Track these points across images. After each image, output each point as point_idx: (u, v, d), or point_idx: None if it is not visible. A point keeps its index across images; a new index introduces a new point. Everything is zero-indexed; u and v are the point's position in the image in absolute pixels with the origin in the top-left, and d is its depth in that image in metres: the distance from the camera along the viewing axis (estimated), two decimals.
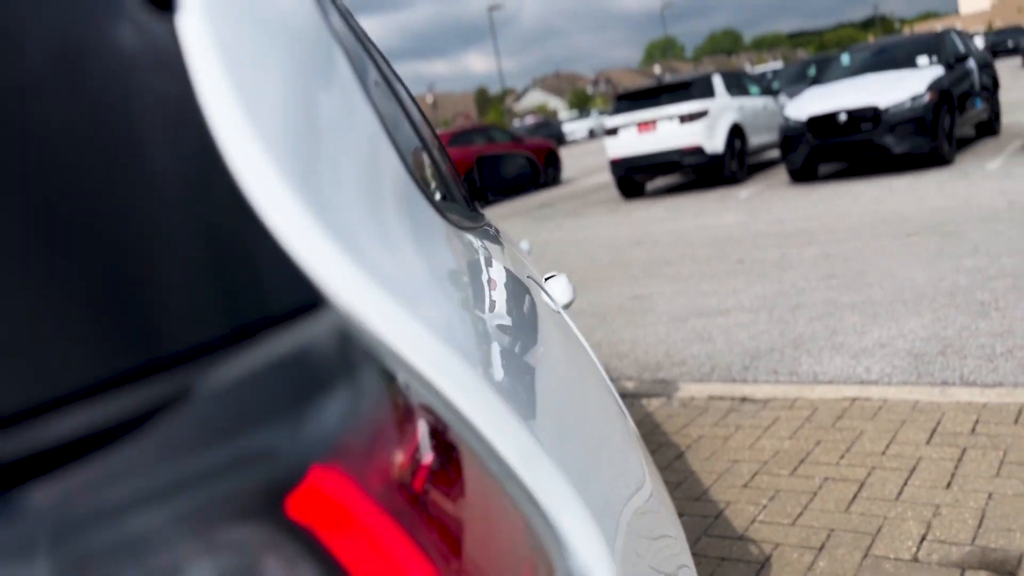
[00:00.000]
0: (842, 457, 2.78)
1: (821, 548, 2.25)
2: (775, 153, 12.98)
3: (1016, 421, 2.83)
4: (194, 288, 0.42)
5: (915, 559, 2.13)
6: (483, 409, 0.53)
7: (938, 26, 56.05)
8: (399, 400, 0.46)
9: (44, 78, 0.43)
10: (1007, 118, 12.51)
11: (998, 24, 47.47)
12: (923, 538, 2.22)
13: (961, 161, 9.64)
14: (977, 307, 4.20)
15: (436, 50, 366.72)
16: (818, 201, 8.74)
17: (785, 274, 5.70)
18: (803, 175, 10.34)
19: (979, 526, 2.23)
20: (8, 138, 0.41)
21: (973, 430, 2.81)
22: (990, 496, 2.38)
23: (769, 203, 9.31)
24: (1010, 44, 31.81)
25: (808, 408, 3.26)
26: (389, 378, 0.46)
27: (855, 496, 2.51)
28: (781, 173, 11.69)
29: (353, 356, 0.45)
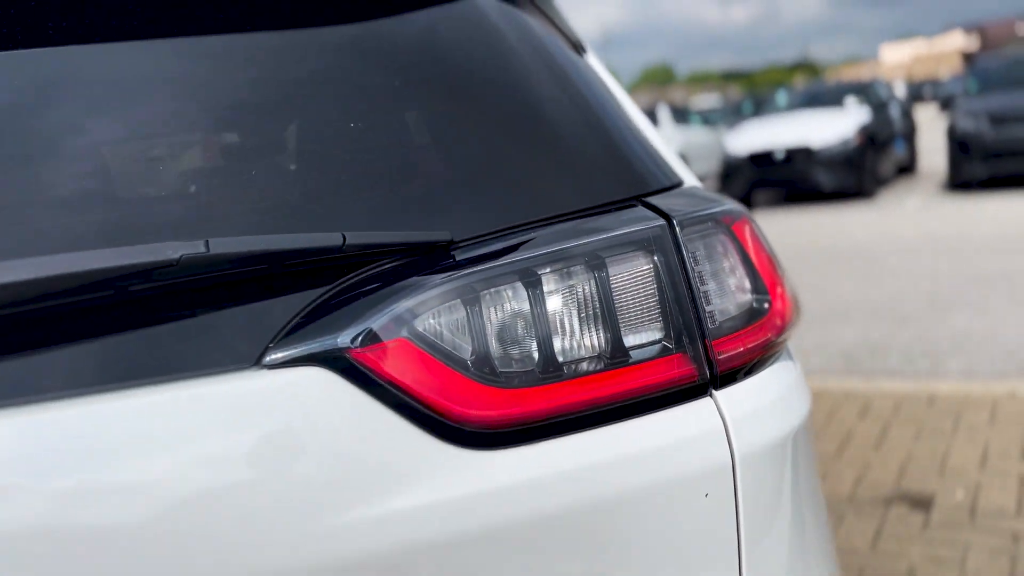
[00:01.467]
0: None
1: None
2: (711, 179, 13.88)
3: (929, 404, 3.43)
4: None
5: (851, 497, 2.68)
6: None
7: (862, 72, 59.12)
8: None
9: (543, 77, 0.99)
10: (923, 160, 13.62)
11: (917, 75, 51.08)
12: (857, 483, 2.78)
13: (883, 196, 10.57)
14: (898, 319, 4.87)
15: None
16: None
17: None
18: (741, 203, 11.34)
19: (901, 475, 2.80)
20: (526, 101, 0.96)
21: (895, 411, 3.41)
22: (909, 455, 2.96)
23: None
24: (927, 93, 34.19)
25: None
26: None
27: None
28: None
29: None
